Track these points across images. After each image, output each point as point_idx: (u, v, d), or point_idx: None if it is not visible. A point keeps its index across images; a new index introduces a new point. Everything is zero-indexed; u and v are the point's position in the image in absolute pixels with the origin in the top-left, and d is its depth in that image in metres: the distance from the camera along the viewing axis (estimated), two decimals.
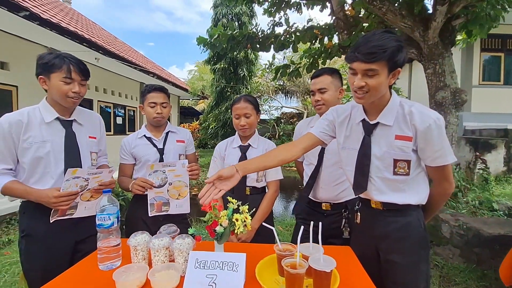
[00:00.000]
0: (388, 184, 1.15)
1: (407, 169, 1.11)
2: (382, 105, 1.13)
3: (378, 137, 1.15)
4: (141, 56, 10.62)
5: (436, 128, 1.05)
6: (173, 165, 1.59)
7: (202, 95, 14.72)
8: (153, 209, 1.57)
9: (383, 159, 1.14)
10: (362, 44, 1.01)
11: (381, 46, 0.98)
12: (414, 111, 1.08)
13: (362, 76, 1.04)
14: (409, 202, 1.15)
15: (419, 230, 1.16)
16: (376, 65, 1.00)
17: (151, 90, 1.70)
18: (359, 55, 1.01)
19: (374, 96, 1.08)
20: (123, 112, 9.41)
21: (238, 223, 1.05)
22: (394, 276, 1.17)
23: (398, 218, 1.16)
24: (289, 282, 0.95)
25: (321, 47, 4.50)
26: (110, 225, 1.12)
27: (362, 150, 1.18)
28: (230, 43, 4.61)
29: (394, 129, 1.12)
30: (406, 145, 1.09)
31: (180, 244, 1.07)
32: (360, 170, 1.19)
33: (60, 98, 1.34)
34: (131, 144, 1.72)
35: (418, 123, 1.06)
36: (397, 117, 1.11)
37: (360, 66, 1.02)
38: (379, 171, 1.15)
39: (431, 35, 3.35)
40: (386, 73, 1.03)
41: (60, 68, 1.30)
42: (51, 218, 1.29)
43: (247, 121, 1.66)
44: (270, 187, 1.73)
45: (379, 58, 0.99)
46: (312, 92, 1.63)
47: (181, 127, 1.98)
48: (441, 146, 1.07)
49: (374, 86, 1.03)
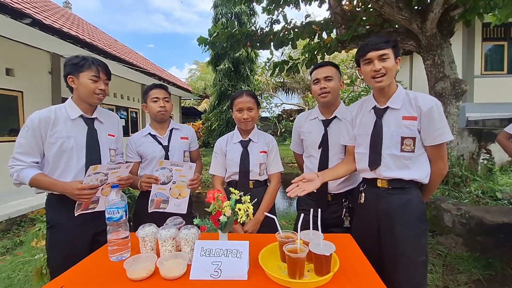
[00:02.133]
0: (395, 160, 1.32)
1: (412, 146, 1.30)
2: (391, 92, 1.36)
3: (387, 119, 1.35)
4: (141, 58, 10.70)
5: (437, 109, 1.27)
6: (181, 165, 1.65)
7: (204, 95, 14.80)
8: (152, 205, 1.63)
9: (392, 137, 1.33)
10: (373, 40, 1.30)
11: (385, 39, 1.30)
12: (418, 96, 1.32)
13: (378, 61, 1.29)
14: (414, 177, 1.31)
15: (419, 206, 1.32)
16: (386, 50, 1.28)
17: (152, 88, 1.78)
18: (372, 45, 1.29)
19: (390, 77, 1.30)
20: (126, 114, 9.52)
21: (240, 213, 1.10)
22: (395, 248, 1.30)
23: (400, 195, 1.32)
24: (291, 267, 0.99)
25: (320, 42, 4.51)
26: (119, 218, 1.17)
27: (375, 131, 1.37)
28: (230, 42, 4.65)
29: (401, 111, 1.32)
30: (412, 124, 1.29)
31: (186, 234, 1.12)
32: (373, 149, 1.36)
33: (88, 95, 1.46)
34: (136, 142, 1.77)
35: (422, 105, 1.28)
36: (403, 102, 1.33)
37: (375, 53, 1.29)
38: (388, 149, 1.33)
39: (429, 26, 3.36)
40: (394, 58, 1.29)
41: (89, 68, 1.45)
42: (76, 211, 1.39)
43: (250, 114, 1.70)
44: (272, 179, 1.77)
45: (387, 45, 1.28)
46: (316, 80, 1.63)
47: (184, 124, 2.03)
48: (441, 125, 1.27)
49: (389, 67, 1.28)
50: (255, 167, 1.71)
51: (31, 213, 4.36)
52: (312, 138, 1.68)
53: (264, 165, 1.75)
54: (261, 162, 1.73)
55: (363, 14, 4.00)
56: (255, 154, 1.73)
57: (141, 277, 1.01)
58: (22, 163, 1.37)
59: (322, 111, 1.70)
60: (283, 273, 1.03)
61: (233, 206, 1.13)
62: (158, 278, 1.02)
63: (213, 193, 1.19)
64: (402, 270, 1.27)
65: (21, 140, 1.38)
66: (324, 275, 1.00)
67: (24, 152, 1.38)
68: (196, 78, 17.27)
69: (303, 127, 1.77)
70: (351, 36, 3.81)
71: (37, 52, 5.47)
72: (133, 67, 7.32)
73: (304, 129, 1.75)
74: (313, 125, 1.72)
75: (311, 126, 1.72)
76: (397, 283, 1.27)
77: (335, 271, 0.98)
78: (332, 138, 1.62)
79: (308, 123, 1.75)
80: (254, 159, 1.71)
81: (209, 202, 1.18)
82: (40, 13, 4.80)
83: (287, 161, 9.69)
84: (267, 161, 1.76)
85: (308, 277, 1.01)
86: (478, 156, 5.67)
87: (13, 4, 3.96)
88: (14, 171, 1.38)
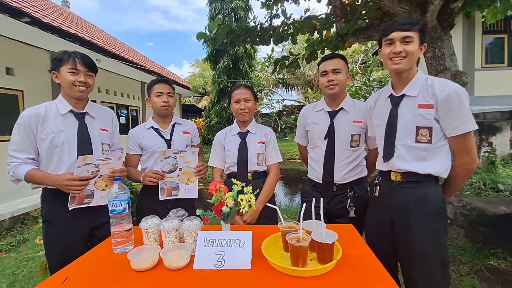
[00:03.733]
0: (410, 151, 1.24)
1: (428, 136, 1.20)
2: (409, 78, 1.27)
3: (403, 108, 1.27)
4: (141, 56, 10.67)
5: (456, 96, 1.15)
6: (184, 152, 1.67)
7: (204, 92, 14.78)
8: (164, 193, 1.66)
9: (406, 127, 1.25)
10: (399, 20, 1.22)
11: (414, 21, 1.21)
12: (435, 82, 1.22)
13: (401, 43, 1.20)
14: (429, 172, 1.21)
15: (437, 202, 1.22)
16: (411, 33, 1.19)
17: (157, 82, 1.78)
18: (397, 25, 1.20)
19: (410, 62, 1.22)
20: (126, 113, 9.52)
21: (243, 203, 1.10)
22: (410, 245, 1.23)
23: (415, 189, 1.23)
24: (294, 255, 1.00)
25: (320, 37, 4.49)
26: (122, 211, 1.18)
27: (390, 120, 1.30)
28: (230, 37, 4.63)
29: (418, 99, 1.23)
30: (428, 112, 1.20)
31: (189, 225, 1.13)
32: (388, 139, 1.30)
33: (68, 88, 1.46)
34: (138, 135, 1.78)
35: (438, 92, 1.18)
36: (421, 89, 1.24)
37: (398, 34, 1.20)
38: (402, 139, 1.26)
39: (429, 18, 3.33)
40: (418, 43, 1.20)
41: (67, 61, 1.45)
42: (69, 205, 1.40)
43: (247, 105, 1.73)
44: (271, 170, 1.79)
45: (414, 28, 1.19)
46: (324, 72, 1.63)
47: (186, 120, 2.04)
48: (461, 113, 1.16)
49: (411, 51, 1.20)
50: (253, 157, 1.73)
51: (34, 211, 4.39)
52: (318, 129, 1.69)
53: (263, 155, 1.77)
54: (259, 152, 1.75)
55: (363, 8, 3.97)
56: (253, 145, 1.75)
57: (145, 268, 1.02)
58: (17, 160, 1.41)
59: (329, 103, 1.70)
60: (286, 262, 1.04)
61: (235, 196, 1.13)
62: (162, 268, 1.03)
63: (214, 185, 1.19)
64: (419, 268, 1.21)
65: (15, 137, 1.41)
66: (327, 263, 1.00)
67: (18, 149, 1.41)
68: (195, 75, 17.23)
69: (309, 119, 1.77)
70: (351, 29, 3.78)
71: (37, 51, 5.46)
72: (133, 64, 7.30)
73: (310, 120, 1.76)
74: (319, 117, 1.72)
75: (317, 117, 1.73)
76: (415, 281, 1.23)
77: (337, 259, 0.99)
78: (338, 129, 1.63)
79: (314, 114, 1.75)
80: (252, 149, 1.74)
81: (211, 194, 1.19)
82: (39, 11, 4.78)
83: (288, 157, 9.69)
84: (265, 152, 1.78)
85: (311, 265, 1.01)
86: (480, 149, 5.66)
87: (12, 3, 3.95)
88: (10, 168, 1.41)
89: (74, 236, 1.44)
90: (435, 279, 1.20)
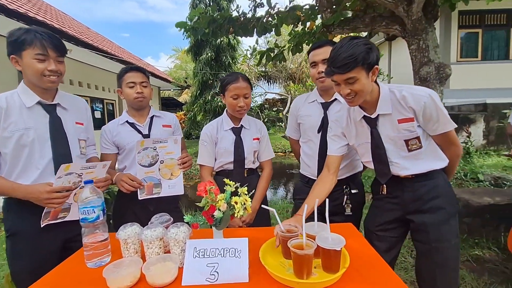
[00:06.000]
0: (408, 160, 1.23)
1: (419, 143, 1.20)
2: (375, 99, 1.21)
3: (383, 127, 1.23)
4: (116, 47, 10.08)
5: (432, 103, 1.14)
6: (165, 141, 1.49)
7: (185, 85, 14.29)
8: (143, 191, 1.46)
9: (394, 143, 1.23)
10: (334, 58, 1.08)
11: (351, 56, 1.05)
12: (406, 94, 1.16)
13: (345, 85, 1.11)
14: (434, 168, 1.23)
15: (447, 190, 1.26)
16: (352, 73, 1.07)
17: (128, 70, 1.57)
18: (335, 69, 1.09)
19: (362, 97, 1.15)
20: (101, 106, 9.01)
21: (237, 206, 0.97)
22: (425, 234, 1.24)
23: (426, 182, 1.24)
24: (298, 264, 0.89)
25: (304, 28, 4.39)
26: (95, 219, 1.01)
27: (374, 142, 1.26)
28: (212, 27, 4.41)
29: (394, 115, 1.20)
30: (411, 125, 1.18)
31: (175, 234, 0.99)
32: (378, 160, 1.27)
33: (36, 79, 1.20)
34: (112, 131, 1.58)
35: (414, 105, 1.15)
36: (393, 104, 1.19)
37: (340, 77, 1.10)
38: (396, 154, 1.24)
39: (415, 9, 3.31)
40: (365, 75, 1.10)
41: (32, 44, 1.15)
42: (42, 222, 1.17)
43: (246, 101, 1.57)
44: (265, 166, 1.68)
45: (353, 66, 1.06)
46: (313, 63, 1.52)
47: (166, 112, 1.86)
48: (439, 117, 1.16)
49: (359, 89, 1.11)
50: (250, 155, 1.60)
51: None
52: (311, 122, 1.58)
53: (257, 152, 1.64)
54: (255, 149, 1.63)
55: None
56: (248, 141, 1.61)
57: (124, 286, 0.87)
58: None
59: (322, 94, 1.59)
60: (288, 272, 0.92)
61: (228, 199, 1.00)
62: (144, 285, 0.88)
63: (204, 186, 1.05)
64: (437, 255, 1.22)
65: None
66: (333, 271, 0.90)
67: None
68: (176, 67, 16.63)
69: (301, 110, 1.65)
70: (337, 20, 3.70)
71: (2, 40, 4.95)
72: (108, 55, 6.86)
73: (302, 112, 1.64)
74: (312, 108, 1.61)
75: (309, 109, 1.61)
76: (432, 270, 1.24)
77: (346, 266, 0.89)
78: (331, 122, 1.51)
79: (307, 106, 1.64)
80: (248, 146, 1.60)
81: (200, 196, 1.05)
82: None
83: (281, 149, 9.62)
84: (259, 148, 1.64)
85: (316, 274, 0.91)
86: None
87: None
88: None
89: (45, 252, 1.22)
90: (452, 262, 1.24)
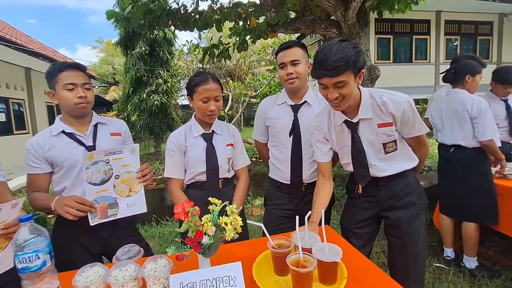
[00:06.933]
0: (384, 162, 1.30)
1: (395, 146, 1.28)
2: (356, 104, 1.22)
3: (363, 131, 1.26)
4: (22, 35, 8.37)
5: (410, 109, 1.20)
6: (119, 151, 1.26)
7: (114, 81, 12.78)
8: (96, 215, 1.20)
9: (373, 146, 1.28)
10: (325, 60, 1.05)
11: (343, 58, 1.03)
12: (386, 100, 1.19)
13: (334, 88, 1.10)
14: (406, 168, 1.32)
15: (417, 187, 1.35)
16: (343, 76, 1.06)
17: (63, 69, 1.26)
18: (325, 71, 1.06)
19: (349, 101, 1.16)
20: (5, 107, 7.42)
21: (228, 228, 0.86)
22: (400, 229, 1.32)
23: (399, 180, 1.32)
24: (297, 283, 0.84)
25: (245, 25, 4.35)
26: (40, 266, 0.77)
27: (355, 146, 1.28)
28: (148, 18, 4.01)
29: (374, 119, 1.23)
30: (390, 130, 1.24)
31: (154, 270, 0.82)
32: (358, 164, 1.31)
33: None
34: (43, 145, 1.25)
35: (394, 111, 1.19)
36: (373, 109, 1.22)
37: (329, 81, 1.08)
38: (374, 156, 1.29)
39: (351, 15, 3.61)
40: (354, 79, 1.11)
41: None
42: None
43: (217, 105, 1.42)
44: (241, 175, 1.58)
45: (344, 69, 1.05)
46: (282, 64, 1.48)
47: (112, 118, 1.57)
48: (414, 122, 1.23)
49: (347, 93, 1.11)
50: (224, 163, 1.47)
51: None
52: (282, 125, 1.54)
53: (232, 159, 1.52)
54: (229, 156, 1.50)
55: None
56: (221, 148, 1.47)
57: None
58: None
59: (291, 96, 1.56)
60: None
61: (215, 221, 0.88)
62: None
63: (182, 207, 0.91)
64: (411, 247, 1.30)
65: None
66: (331, 282, 0.88)
67: None
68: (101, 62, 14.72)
69: (269, 113, 1.59)
70: (282, 20, 3.78)
71: None
72: (12, 45, 5.63)
73: (271, 115, 1.59)
74: (281, 111, 1.56)
75: (279, 112, 1.57)
76: (405, 261, 1.32)
77: (346, 276, 0.87)
78: (303, 124, 1.51)
79: (275, 108, 1.59)
80: (222, 153, 1.46)
81: (179, 220, 0.90)
82: None
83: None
84: (233, 154, 1.53)
85: None
86: None
87: None
88: None
89: None
90: (421, 253, 1.34)
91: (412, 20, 9.58)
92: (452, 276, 2.11)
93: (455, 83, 2.22)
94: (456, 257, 2.28)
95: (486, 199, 2.05)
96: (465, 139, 2.10)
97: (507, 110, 2.49)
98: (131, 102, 9.18)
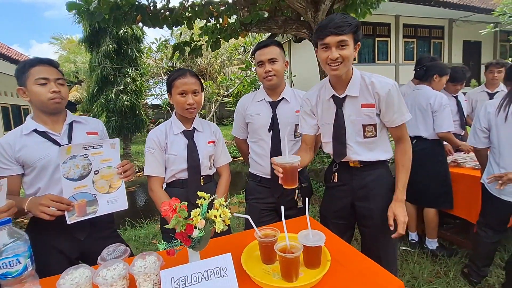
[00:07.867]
0: (361, 146, 1.35)
1: (374, 131, 1.32)
2: (347, 79, 1.30)
3: (348, 108, 1.32)
4: None
5: (395, 91, 1.26)
6: (99, 146, 1.22)
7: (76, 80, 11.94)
8: (73, 213, 1.15)
9: (354, 126, 1.33)
10: (330, 21, 1.16)
11: (347, 21, 1.16)
12: (374, 81, 1.27)
13: (336, 48, 1.18)
14: (379, 158, 1.37)
15: (389, 179, 1.41)
16: (346, 36, 1.16)
17: (34, 64, 1.20)
18: (331, 29, 1.15)
19: (346, 66, 1.22)
20: None
21: (218, 220, 0.88)
22: (371, 219, 1.38)
23: (372, 171, 1.38)
24: (287, 268, 0.89)
25: (216, 23, 4.34)
26: (22, 271, 0.74)
27: (337, 122, 1.34)
28: (114, 13, 3.83)
29: (360, 99, 1.30)
30: (371, 111, 1.29)
31: (143, 267, 0.82)
32: (337, 140, 1.36)
33: None
34: (13, 145, 1.17)
35: (380, 90, 1.25)
36: (361, 88, 1.29)
37: (333, 39, 1.17)
38: (352, 137, 1.34)
39: (320, 16, 3.75)
40: (353, 45, 1.20)
41: None
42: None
43: (196, 99, 1.42)
44: (223, 172, 1.59)
45: (348, 30, 1.16)
46: (260, 62, 1.53)
47: (88, 116, 1.51)
48: (398, 106, 1.27)
49: (347, 55, 1.19)
50: (205, 160, 1.47)
51: None
52: (261, 121, 1.59)
53: (213, 157, 1.53)
54: (210, 153, 1.50)
55: None
56: (202, 145, 1.47)
57: None
58: None
59: (269, 93, 1.62)
60: (275, 278, 0.91)
61: (205, 214, 0.90)
62: None
63: (169, 204, 0.91)
64: (383, 237, 1.36)
65: None
66: (316, 266, 0.95)
67: None
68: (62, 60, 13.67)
69: (249, 110, 1.64)
70: (255, 19, 3.82)
71: None
72: None
73: (250, 112, 1.63)
74: (260, 107, 1.61)
75: (258, 108, 1.62)
76: (377, 251, 1.35)
77: (329, 259, 0.94)
78: (281, 120, 1.57)
79: (254, 105, 1.63)
80: (203, 150, 1.47)
81: (166, 217, 0.91)
82: None
83: None
84: (215, 152, 1.54)
85: (302, 273, 0.92)
86: None
87: None
88: None
89: None
90: (392, 243, 1.40)
91: (374, 23, 10.12)
92: (417, 257, 2.31)
93: (424, 80, 2.44)
94: (420, 240, 2.50)
95: (443, 186, 2.27)
96: (427, 131, 2.31)
97: (458, 105, 2.78)
98: (97, 103, 8.67)
